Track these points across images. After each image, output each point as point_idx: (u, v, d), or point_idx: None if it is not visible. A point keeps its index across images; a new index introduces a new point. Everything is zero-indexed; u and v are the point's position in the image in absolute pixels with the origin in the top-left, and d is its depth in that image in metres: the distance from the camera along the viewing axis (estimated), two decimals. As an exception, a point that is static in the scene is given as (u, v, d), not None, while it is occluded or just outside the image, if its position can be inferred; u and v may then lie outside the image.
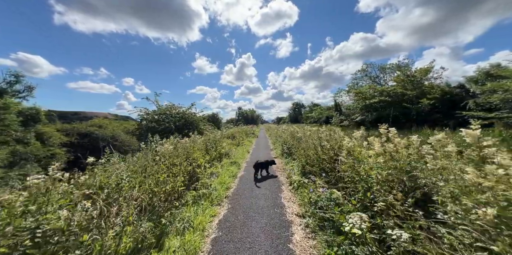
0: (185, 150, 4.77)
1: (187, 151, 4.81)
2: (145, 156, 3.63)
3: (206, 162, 5.84)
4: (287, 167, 6.02)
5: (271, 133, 20.13)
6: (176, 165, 3.69)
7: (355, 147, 2.90)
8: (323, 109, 51.27)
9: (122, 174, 2.46)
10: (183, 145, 5.05)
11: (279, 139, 11.64)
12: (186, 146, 5.02)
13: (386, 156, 2.23)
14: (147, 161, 3.03)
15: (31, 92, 15.29)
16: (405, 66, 27.83)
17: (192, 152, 4.93)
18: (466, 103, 16.13)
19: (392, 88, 23.05)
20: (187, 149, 4.87)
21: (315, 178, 3.52)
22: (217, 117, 48.33)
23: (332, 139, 3.79)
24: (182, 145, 5.05)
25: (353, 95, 30.02)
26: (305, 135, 5.02)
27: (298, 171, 4.80)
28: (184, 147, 4.97)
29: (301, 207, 3.29)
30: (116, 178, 2.36)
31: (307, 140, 5.02)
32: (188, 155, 4.75)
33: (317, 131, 4.81)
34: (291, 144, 6.89)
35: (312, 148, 4.22)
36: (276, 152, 9.53)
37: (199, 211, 3.13)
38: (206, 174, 4.74)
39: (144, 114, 14.18)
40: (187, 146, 5.03)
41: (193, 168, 4.34)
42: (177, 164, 3.77)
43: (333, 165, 3.27)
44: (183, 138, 7.36)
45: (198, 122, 16.04)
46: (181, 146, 4.99)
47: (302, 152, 4.82)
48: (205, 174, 4.64)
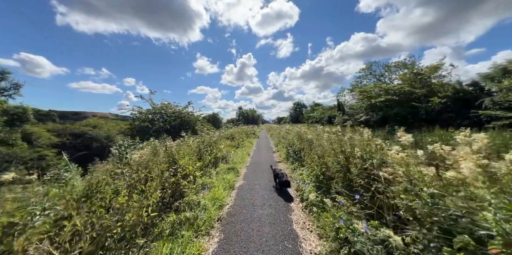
0: (169, 156, 3.79)
1: (172, 157, 3.83)
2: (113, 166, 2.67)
3: (198, 169, 4.87)
4: (295, 175, 5.03)
5: (273, 134, 19.14)
6: (151, 180, 2.72)
7: (406, 160, 1.93)
8: (325, 109, 50.23)
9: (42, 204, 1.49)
10: (168, 149, 4.08)
11: (283, 140, 10.65)
12: (172, 150, 4.05)
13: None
14: (101, 177, 2.06)
15: (18, 90, 14.38)
16: (411, 63, 26.75)
17: (179, 158, 3.96)
18: (482, 101, 15.11)
19: (399, 87, 22.01)
20: (172, 154, 3.89)
21: (340, 197, 2.53)
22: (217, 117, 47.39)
23: (361, 144, 2.82)
24: (168, 149, 4.08)
25: (357, 94, 28.96)
26: (320, 138, 4.05)
27: (311, 182, 3.82)
28: (169, 152, 3.99)
29: (322, 242, 2.30)
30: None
31: (321, 144, 4.05)
32: (172, 162, 3.78)
33: (336, 132, 3.82)
34: (298, 147, 5.90)
35: (332, 155, 3.24)
36: (280, 155, 8.55)
37: (176, 250, 2.15)
38: (195, 187, 3.76)
39: (137, 113, 13.23)
40: (173, 150, 4.06)
41: (177, 180, 3.37)
42: (153, 177, 2.79)
43: (367, 182, 2.28)
44: (175, 139, 6.40)
45: (195, 122, 15.09)
46: (165, 151, 4.01)
47: (316, 159, 3.83)
48: (194, 187, 3.66)
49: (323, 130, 5.25)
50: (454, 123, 16.07)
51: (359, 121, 29.03)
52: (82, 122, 22.91)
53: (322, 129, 5.29)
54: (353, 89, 34.56)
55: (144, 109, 13.68)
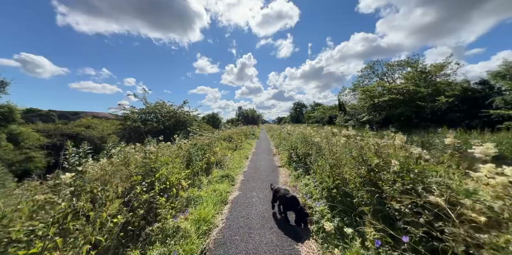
0: (145, 166, 3.02)
1: (150, 166, 3.07)
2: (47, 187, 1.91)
3: (185, 178, 4.11)
4: (300, 185, 4.28)
5: (273, 134, 18.39)
6: (105, 202, 1.96)
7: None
8: (326, 109, 49.56)
9: None
10: (148, 155, 3.32)
11: (283, 142, 9.90)
12: (151, 157, 3.28)
13: None
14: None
15: (4, 88, 13.60)
16: (414, 62, 25.99)
17: (160, 166, 3.20)
18: (492, 101, 14.40)
19: (404, 86, 21.27)
20: (149, 162, 3.12)
21: (370, 230, 1.78)
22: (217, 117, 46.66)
23: (394, 154, 2.08)
24: (147, 156, 3.32)
25: (359, 94, 28.22)
26: (330, 141, 3.30)
27: (321, 198, 3.06)
28: (148, 159, 3.23)
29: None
30: None
31: (332, 150, 3.29)
32: (150, 172, 3.02)
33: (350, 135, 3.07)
34: (303, 151, 5.14)
35: (351, 166, 2.49)
36: (281, 159, 7.79)
37: None
38: (177, 204, 3.00)
39: (130, 112, 12.46)
40: (153, 157, 3.30)
41: (152, 196, 2.62)
42: (110, 197, 2.02)
43: (416, 211, 1.54)
44: (169, 140, 5.65)
45: (191, 122, 14.32)
46: (143, 158, 3.25)
47: (328, 169, 3.08)
48: (176, 205, 2.90)
49: (331, 131, 4.49)
50: (462, 123, 15.37)
51: (361, 121, 28.34)
52: (74, 122, 22.11)
53: (330, 131, 4.53)
54: (355, 88, 33.82)
55: (138, 108, 12.92)
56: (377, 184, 1.97)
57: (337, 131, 4.51)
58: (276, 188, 3.23)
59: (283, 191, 3.03)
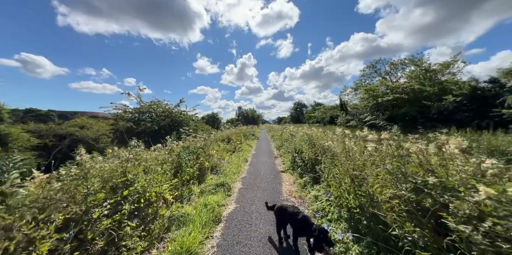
0: (111, 179, 2.33)
1: (119, 180, 2.38)
2: None
3: (173, 187, 3.43)
4: (309, 197, 3.59)
5: (274, 135, 17.72)
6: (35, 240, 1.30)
7: None
8: (327, 109, 48.86)
9: None
10: (124, 163, 2.64)
11: (286, 143, 9.21)
12: (126, 165, 2.60)
13: None
14: None
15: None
16: (418, 60, 25.29)
17: (134, 178, 2.52)
18: (504, 100, 13.72)
19: (409, 84, 20.58)
20: (117, 175, 2.43)
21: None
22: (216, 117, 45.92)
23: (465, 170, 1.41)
24: (123, 164, 2.64)
25: (362, 93, 27.53)
26: (350, 149, 2.61)
27: (342, 222, 2.38)
28: (123, 169, 2.54)
29: None
30: None
31: (347, 155, 2.61)
32: (121, 186, 2.34)
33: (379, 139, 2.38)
34: (310, 156, 4.46)
35: (388, 183, 1.80)
36: (283, 162, 7.12)
37: None
38: (156, 227, 2.32)
39: (122, 111, 11.77)
40: (129, 165, 2.62)
41: (117, 220, 1.94)
42: (38, 234, 1.35)
43: None
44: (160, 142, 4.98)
45: (187, 122, 13.63)
46: (118, 166, 2.57)
47: (349, 182, 2.40)
48: (150, 233, 2.22)
49: (344, 134, 3.80)
50: (471, 123, 14.68)
51: (364, 121, 27.64)
52: (69, 122, 21.40)
53: (342, 133, 3.84)
54: (357, 88, 33.15)
55: (132, 107, 12.24)
56: (440, 216, 1.30)
57: (349, 132, 3.82)
58: (279, 207, 2.43)
59: (291, 209, 2.28)
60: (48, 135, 17.15)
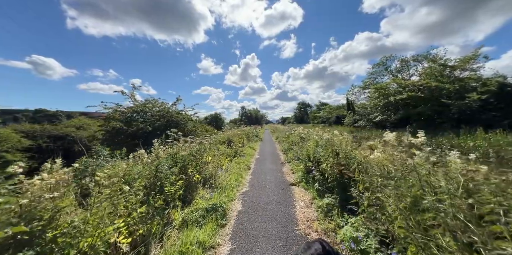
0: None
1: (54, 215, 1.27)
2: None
3: (136, 222, 2.28)
4: (340, 235, 2.38)
5: (278, 136, 16.48)
6: None
7: None
8: (333, 109, 47.22)
9: None
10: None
11: (294, 147, 7.98)
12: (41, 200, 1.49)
13: None
14: None
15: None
16: (433, 56, 23.59)
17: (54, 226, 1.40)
18: (539, 97, 12.15)
19: (425, 81, 19.02)
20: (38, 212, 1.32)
21: None
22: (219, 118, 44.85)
23: None
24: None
25: (372, 91, 25.96)
26: (401, 163, 1.45)
27: None
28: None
29: None
30: None
31: (416, 174, 1.41)
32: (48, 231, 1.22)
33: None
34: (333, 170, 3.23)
35: None
36: (293, 171, 5.91)
37: None
38: None
39: (114, 111, 10.76)
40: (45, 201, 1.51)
41: None
42: None
43: None
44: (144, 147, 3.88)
45: (185, 123, 12.55)
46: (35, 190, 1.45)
47: (421, 231, 1.20)
48: None
49: (390, 143, 2.54)
50: (501, 123, 13.15)
51: (373, 121, 26.08)
52: (65, 123, 20.64)
53: (396, 138, 2.56)
54: (366, 87, 31.52)
55: (123, 106, 11.21)
56: None
57: (394, 138, 2.57)
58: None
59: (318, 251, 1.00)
60: (43, 136, 16.36)
